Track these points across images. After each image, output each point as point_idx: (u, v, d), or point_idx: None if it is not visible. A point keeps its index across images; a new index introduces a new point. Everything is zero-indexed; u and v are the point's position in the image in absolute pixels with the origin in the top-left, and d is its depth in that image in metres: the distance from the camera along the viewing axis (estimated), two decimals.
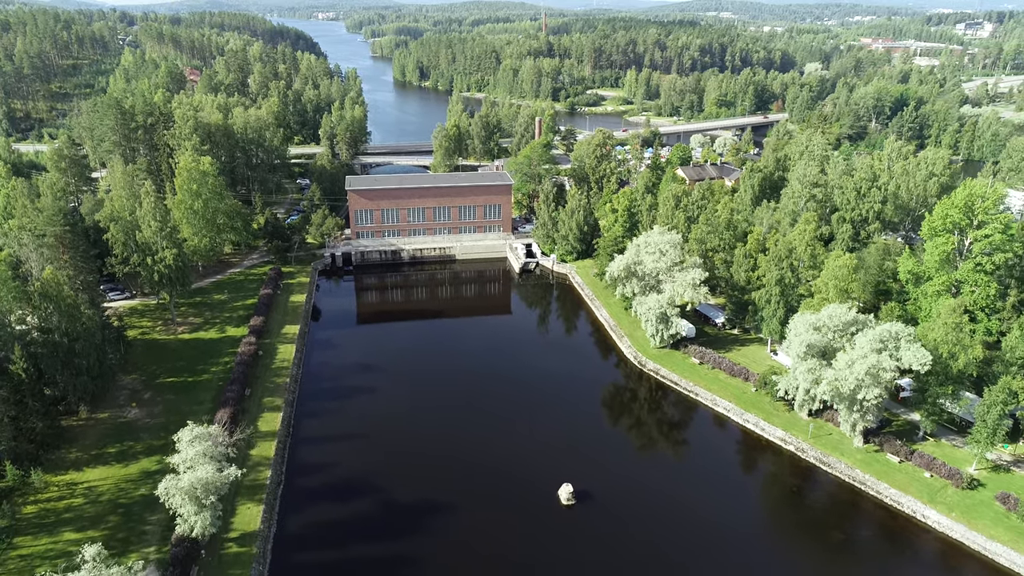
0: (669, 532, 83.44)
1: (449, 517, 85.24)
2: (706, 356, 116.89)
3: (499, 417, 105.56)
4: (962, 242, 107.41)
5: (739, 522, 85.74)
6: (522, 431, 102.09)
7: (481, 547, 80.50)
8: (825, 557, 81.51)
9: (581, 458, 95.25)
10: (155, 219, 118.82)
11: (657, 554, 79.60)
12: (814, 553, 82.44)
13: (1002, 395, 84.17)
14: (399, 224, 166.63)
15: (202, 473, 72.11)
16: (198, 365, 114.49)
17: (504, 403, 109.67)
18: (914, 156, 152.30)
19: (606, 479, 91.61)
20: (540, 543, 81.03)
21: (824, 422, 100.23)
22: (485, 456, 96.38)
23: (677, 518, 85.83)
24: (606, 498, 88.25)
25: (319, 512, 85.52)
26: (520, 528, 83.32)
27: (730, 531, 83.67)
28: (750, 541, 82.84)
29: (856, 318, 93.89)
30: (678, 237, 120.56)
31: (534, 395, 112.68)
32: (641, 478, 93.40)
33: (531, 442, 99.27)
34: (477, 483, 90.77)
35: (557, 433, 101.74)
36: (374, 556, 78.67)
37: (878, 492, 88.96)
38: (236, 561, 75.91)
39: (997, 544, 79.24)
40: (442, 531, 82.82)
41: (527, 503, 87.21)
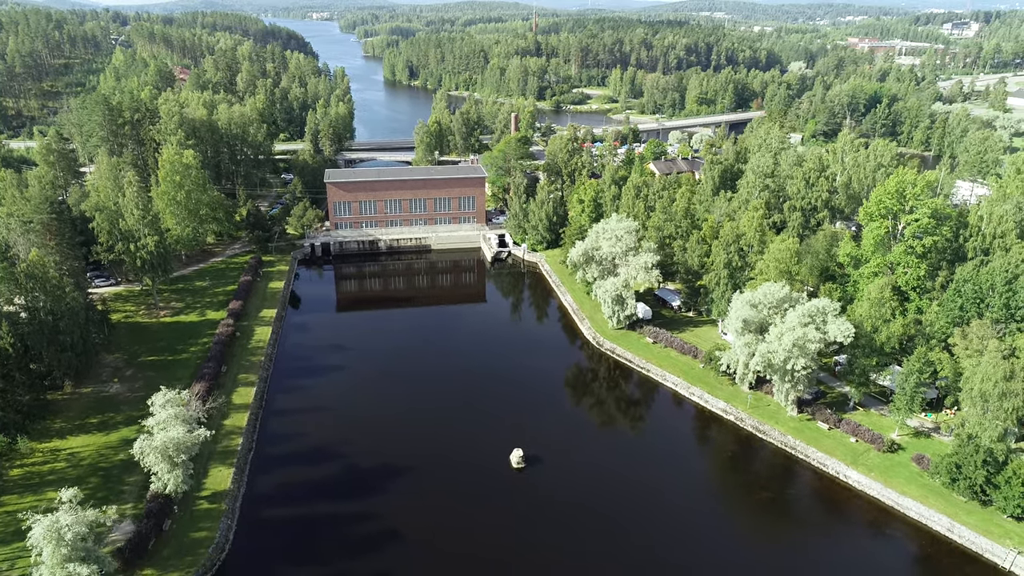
0: (612, 494, 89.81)
1: (407, 479, 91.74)
2: (660, 336, 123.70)
3: (462, 392, 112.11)
4: (896, 226, 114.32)
5: (678, 485, 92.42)
6: (482, 405, 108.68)
7: (434, 504, 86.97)
8: (754, 514, 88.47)
9: (534, 428, 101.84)
10: (137, 208, 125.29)
11: (598, 514, 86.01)
12: (744, 511, 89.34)
13: (918, 364, 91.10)
14: (376, 215, 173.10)
15: (174, 433, 78.61)
16: (178, 345, 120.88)
17: (468, 380, 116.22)
18: (864, 148, 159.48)
19: (556, 446, 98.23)
20: (489, 502, 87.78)
21: (763, 394, 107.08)
22: (445, 426, 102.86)
23: (620, 481, 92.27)
24: (554, 463, 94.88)
25: (286, 474, 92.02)
26: (471, 488, 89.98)
27: (669, 493, 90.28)
28: (686, 501, 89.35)
29: (789, 295, 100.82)
30: (634, 224, 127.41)
31: (497, 373, 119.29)
32: (589, 446, 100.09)
33: (489, 414, 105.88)
34: (435, 449, 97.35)
35: (514, 406, 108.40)
36: (336, 512, 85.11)
37: (807, 456, 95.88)
38: (206, 516, 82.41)
39: (908, 499, 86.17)
40: (399, 491, 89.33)
41: (480, 467, 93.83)
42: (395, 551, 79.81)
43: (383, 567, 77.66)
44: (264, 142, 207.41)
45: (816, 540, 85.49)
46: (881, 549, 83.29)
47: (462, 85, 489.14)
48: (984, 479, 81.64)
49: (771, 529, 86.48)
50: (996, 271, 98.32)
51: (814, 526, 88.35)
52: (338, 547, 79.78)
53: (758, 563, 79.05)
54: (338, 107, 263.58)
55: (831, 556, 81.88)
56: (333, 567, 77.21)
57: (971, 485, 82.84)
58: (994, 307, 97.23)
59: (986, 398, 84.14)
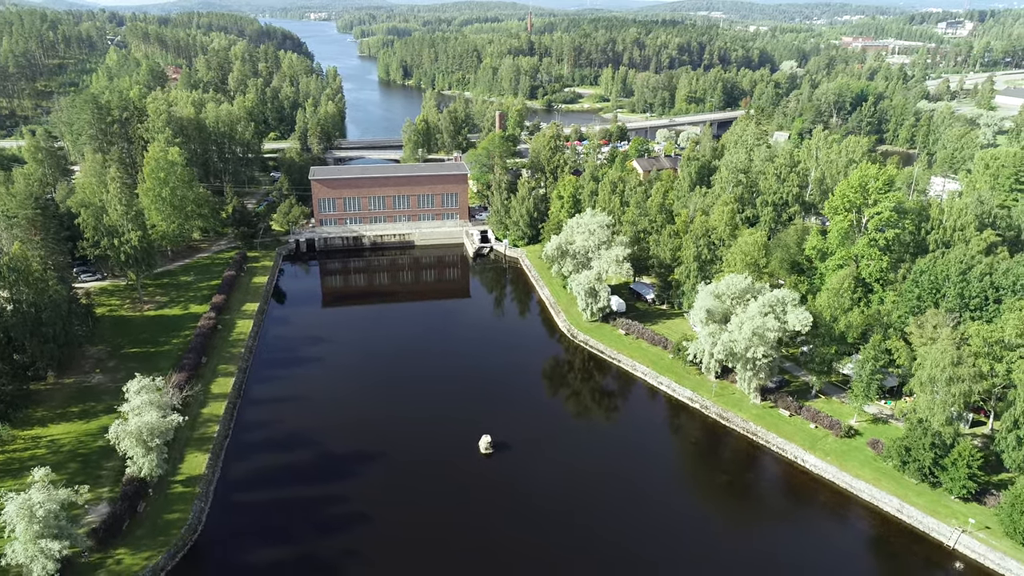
0: (576, 479, 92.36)
1: (378, 464, 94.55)
2: (632, 328, 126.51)
3: (436, 383, 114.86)
4: (860, 220, 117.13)
5: (642, 470, 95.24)
6: (455, 395, 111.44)
7: (403, 487, 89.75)
8: (715, 498, 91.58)
9: (504, 416, 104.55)
10: (121, 203, 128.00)
11: (562, 497, 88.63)
12: (706, 495, 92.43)
13: (873, 352, 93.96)
14: (360, 212, 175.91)
15: (147, 418, 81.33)
16: (160, 338, 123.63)
17: (444, 372, 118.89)
18: (837, 145, 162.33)
19: (524, 434, 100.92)
20: (458, 485, 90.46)
21: (729, 383, 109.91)
22: (418, 415, 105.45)
23: (584, 467, 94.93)
24: (521, 449, 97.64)
25: (261, 460, 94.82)
26: (440, 472, 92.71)
27: (632, 477, 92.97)
28: (650, 486, 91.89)
29: (751, 286, 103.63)
30: (607, 218, 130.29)
31: (473, 365, 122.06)
32: (557, 433, 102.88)
33: (461, 404, 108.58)
34: (407, 437, 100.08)
35: (486, 396, 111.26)
36: (307, 495, 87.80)
37: (767, 442, 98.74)
38: (180, 499, 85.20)
39: (861, 482, 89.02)
40: (370, 475, 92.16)
41: (450, 452, 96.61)
42: (363, 532, 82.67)
43: (351, 547, 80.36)
44: (252, 140, 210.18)
45: (773, 522, 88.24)
46: (835, 530, 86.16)
47: (455, 84, 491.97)
48: (932, 461, 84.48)
49: (730, 512, 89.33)
50: (951, 262, 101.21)
51: (772, 509, 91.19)
52: (308, 528, 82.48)
53: (718, 545, 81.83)
54: (327, 106, 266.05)
55: (787, 537, 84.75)
56: (303, 547, 79.89)
57: (920, 468, 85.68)
58: (949, 297, 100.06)
59: (935, 383, 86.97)
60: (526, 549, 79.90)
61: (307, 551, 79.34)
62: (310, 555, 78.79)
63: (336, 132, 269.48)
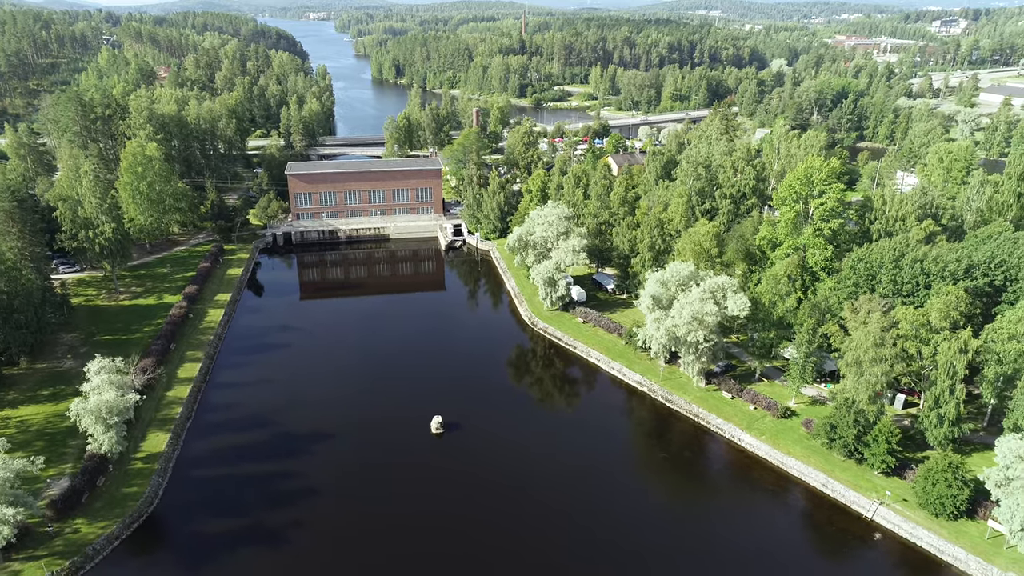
0: (525, 457, 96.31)
1: (332, 443, 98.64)
2: (589, 316, 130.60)
3: (398, 370, 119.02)
4: (806, 210, 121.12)
5: (586, 449, 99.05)
6: (414, 381, 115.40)
7: (354, 463, 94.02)
8: (655, 475, 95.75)
9: (458, 399, 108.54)
10: (95, 196, 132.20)
11: (511, 473, 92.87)
12: (647, 472, 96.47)
13: (807, 336, 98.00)
14: (336, 206, 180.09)
15: (106, 396, 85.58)
16: (133, 326, 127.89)
17: (407, 359, 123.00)
18: (797, 139, 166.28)
19: (477, 415, 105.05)
20: (406, 463, 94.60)
21: (676, 368, 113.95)
22: (375, 398, 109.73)
23: (531, 445, 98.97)
24: (473, 430, 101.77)
25: (220, 439, 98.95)
26: (391, 451, 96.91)
27: (581, 455, 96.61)
28: (595, 463, 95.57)
29: (694, 273, 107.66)
30: (567, 210, 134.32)
31: (435, 353, 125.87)
32: (509, 414, 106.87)
33: (418, 389, 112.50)
34: (364, 417, 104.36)
35: (444, 381, 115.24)
36: (263, 471, 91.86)
37: (708, 422, 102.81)
38: (139, 474, 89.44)
39: (792, 459, 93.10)
40: (324, 453, 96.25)
41: (402, 431, 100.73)
42: (312, 504, 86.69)
43: (299, 518, 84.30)
44: (234, 137, 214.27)
45: (708, 497, 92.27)
46: (765, 504, 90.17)
47: (446, 83, 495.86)
48: (855, 438, 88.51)
49: (670, 487, 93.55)
50: (885, 250, 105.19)
51: (708, 484, 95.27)
52: (261, 502, 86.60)
53: (657, 518, 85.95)
54: (312, 103, 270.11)
55: (721, 511, 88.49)
56: (253, 518, 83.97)
57: (845, 444, 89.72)
58: (883, 283, 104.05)
59: (861, 365, 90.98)
60: (469, 525, 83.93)
61: (257, 522, 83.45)
62: (259, 525, 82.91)
63: (321, 129, 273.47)
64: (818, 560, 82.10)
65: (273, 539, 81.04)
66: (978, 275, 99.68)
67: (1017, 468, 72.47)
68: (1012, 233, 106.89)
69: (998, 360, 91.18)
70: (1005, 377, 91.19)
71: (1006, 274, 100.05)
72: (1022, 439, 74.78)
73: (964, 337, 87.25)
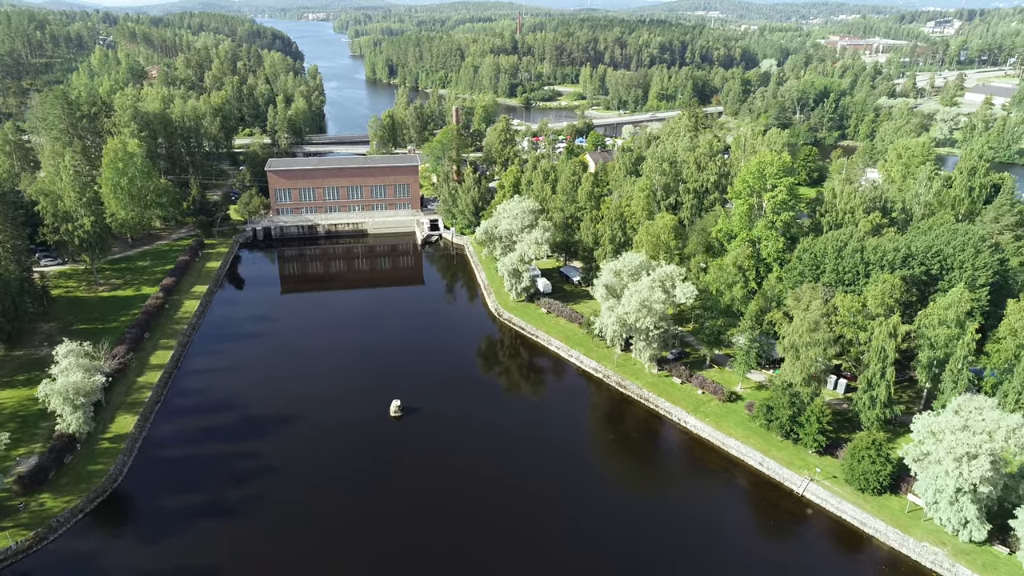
0: (476, 439, 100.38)
1: (295, 425, 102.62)
2: (553, 307, 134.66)
3: (364, 358, 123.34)
4: (760, 203, 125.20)
5: (544, 430, 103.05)
6: (379, 368, 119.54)
7: (315, 444, 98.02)
8: (605, 455, 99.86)
9: (421, 386, 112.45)
10: (74, 190, 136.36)
11: (466, 453, 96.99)
12: (597, 450, 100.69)
13: (750, 323, 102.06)
14: (315, 202, 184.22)
15: (73, 378, 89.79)
16: (110, 316, 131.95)
17: (374, 349, 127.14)
18: (762, 136, 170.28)
19: (436, 400, 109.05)
20: (364, 443, 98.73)
21: (631, 355, 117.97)
22: (341, 384, 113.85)
23: (487, 429, 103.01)
24: (430, 413, 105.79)
25: (187, 422, 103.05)
26: (350, 432, 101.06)
27: (535, 437, 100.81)
28: (549, 443, 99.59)
29: (645, 263, 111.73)
30: (532, 203, 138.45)
31: (400, 341, 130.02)
32: (467, 399, 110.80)
33: (382, 375, 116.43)
34: (327, 402, 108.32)
35: (408, 368, 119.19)
36: (225, 452, 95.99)
37: (657, 406, 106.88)
38: (106, 453, 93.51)
39: (732, 440, 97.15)
40: (286, 435, 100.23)
41: (362, 415, 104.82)
42: (270, 481, 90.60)
43: (258, 494, 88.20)
44: (218, 135, 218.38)
45: (653, 476, 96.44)
46: (705, 482, 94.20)
47: (438, 83, 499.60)
48: (789, 419, 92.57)
49: (618, 468, 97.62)
50: (829, 241, 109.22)
51: (654, 465, 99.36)
52: (221, 479, 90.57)
53: (606, 494, 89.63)
54: (299, 102, 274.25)
55: (665, 489, 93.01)
56: (213, 494, 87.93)
57: (781, 425, 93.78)
58: (827, 272, 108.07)
59: (796, 348, 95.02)
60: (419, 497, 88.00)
61: (216, 498, 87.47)
62: (219, 501, 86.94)
63: (308, 128, 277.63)
64: (752, 533, 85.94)
65: (231, 514, 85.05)
66: (915, 264, 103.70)
67: (929, 443, 76.46)
68: (952, 225, 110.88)
69: (930, 345, 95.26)
70: (937, 361, 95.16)
71: (942, 263, 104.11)
72: (935, 415, 78.74)
73: (893, 322, 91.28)
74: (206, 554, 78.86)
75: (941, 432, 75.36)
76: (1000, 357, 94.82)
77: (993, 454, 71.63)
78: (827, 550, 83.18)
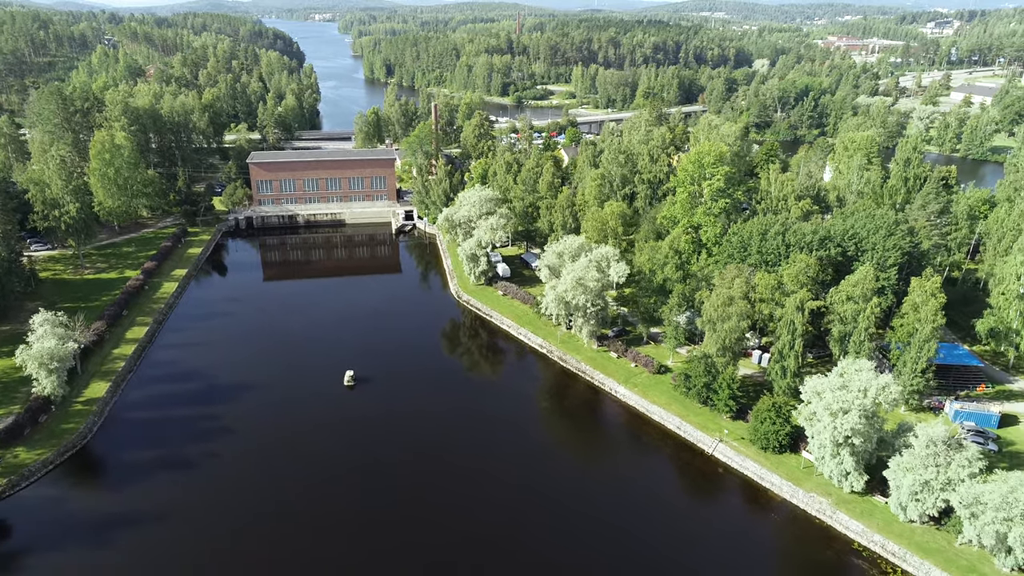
0: (427, 404, 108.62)
1: (255, 393, 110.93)
2: (508, 290, 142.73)
3: (327, 335, 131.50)
4: (699, 191, 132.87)
5: (487, 399, 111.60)
6: (339, 345, 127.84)
7: (271, 409, 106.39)
8: (542, 422, 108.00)
9: (374, 359, 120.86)
10: (60, 178, 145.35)
11: (404, 418, 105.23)
12: (534, 416, 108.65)
13: (676, 300, 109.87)
14: (296, 193, 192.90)
15: (48, 344, 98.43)
16: (92, 296, 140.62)
17: (340, 327, 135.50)
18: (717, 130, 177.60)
19: (387, 372, 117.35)
20: (317, 408, 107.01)
21: (575, 333, 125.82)
22: (302, 359, 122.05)
23: (433, 399, 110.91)
24: (380, 382, 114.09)
25: (155, 389, 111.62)
26: (306, 399, 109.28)
27: (478, 405, 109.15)
28: (490, 409, 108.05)
29: (584, 244, 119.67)
30: (491, 192, 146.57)
31: (365, 321, 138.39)
32: (417, 373, 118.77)
33: (342, 351, 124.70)
34: (287, 373, 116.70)
35: (367, 345, 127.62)
36: (188, 415, 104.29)
37: (592, 378, 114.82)
38: (78, 414, 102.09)
39: (656, 407, 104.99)
40: (246, 401, 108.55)
41: (318, 384, 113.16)
42: (227, 440, 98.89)
43: (215, 451, 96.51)
44: (207, 130, 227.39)
45: (584, 439, 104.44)
46: (629, 443, 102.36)
47: (433, 82, 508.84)
48: (704, 386, 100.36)
49: (554, 430, 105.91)
50: (754, 225, 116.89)
51: (586, 429, 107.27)
52: (183, 438, 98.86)
53: (539, 454, 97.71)
54: (289, 100, 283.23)
55: (594, 450, 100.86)
56: (173, 451, 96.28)
57: (698, 392, 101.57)
58: (752, 254, 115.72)
59: (713, 322, 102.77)
60: (366, 459, 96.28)
61: (176, 453, 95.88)
62: (178, 455, 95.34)
63: (297, 124, 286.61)
64: (666, 489, 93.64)
65: (189, 467, 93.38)
66: (831, 246, 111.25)
67: (815, 404, 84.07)
68: (871, 210, 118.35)
69: (840, 319, 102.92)
70: (846, 335, 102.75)
71: (857, 245, 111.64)
72: (821, 377, 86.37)
73: (801, 296, 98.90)
74: (163, 502, 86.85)
75: (824, 392, 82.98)
76: (904, 331, 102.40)
77: (865, 409, 79.17)
78: (730, 503, 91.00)
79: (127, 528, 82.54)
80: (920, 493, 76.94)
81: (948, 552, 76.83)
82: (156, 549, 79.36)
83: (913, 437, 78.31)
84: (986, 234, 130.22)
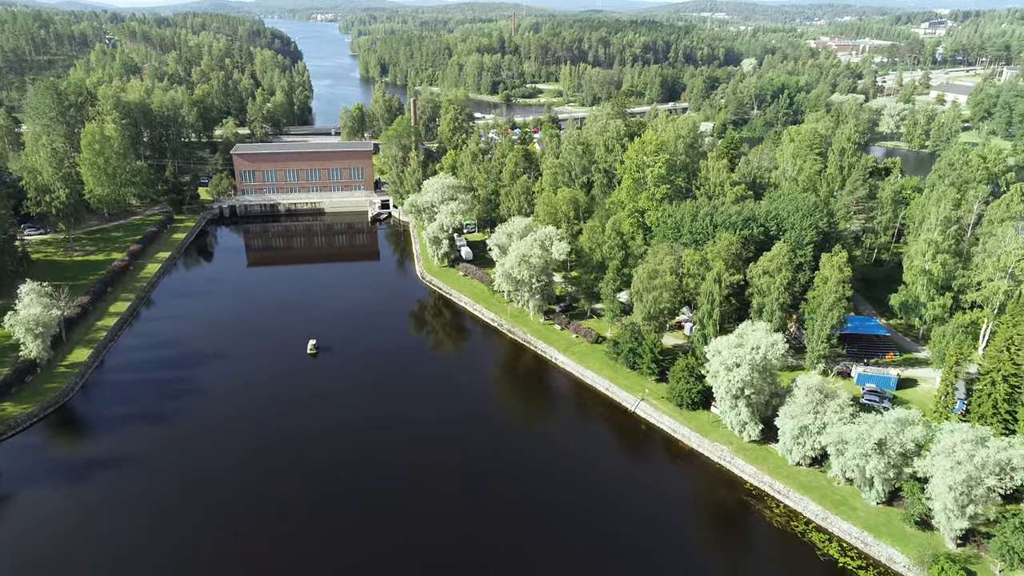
0: (385, 370, 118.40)
1: (226, 360, 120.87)
2: (469, 271, 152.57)
3: (296, 312, 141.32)
4: (643, 177, 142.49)
5: (438, 365, 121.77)
6: (305, 319, 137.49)
7: (239, 371, 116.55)
8: (490, 383, 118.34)
9: (338, 328, 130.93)
10: (50, 166, 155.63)
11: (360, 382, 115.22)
12: (482, 380, 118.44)
13: (612, 275, 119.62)
14: (277, 183, 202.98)
15: (33, 311, 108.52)
16: (80, 276, 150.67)
17: (310, 304, 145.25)
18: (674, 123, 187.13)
19: (347, 342, 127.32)
20: (280, 371, 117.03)
21: (524, 308, 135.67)
22: (272, 330, 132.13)
23: (389, 365, 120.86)
24: (339, 351, 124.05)
25: (133, 356, 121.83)
26: (272, 364, 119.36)
27: (429, 370, 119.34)
28: (441, 371, 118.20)
29: (531, 225, 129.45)
30: (453, 180, 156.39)
31: (334, 300, 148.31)
32: (376, 343, 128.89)
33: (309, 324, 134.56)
34: (256, 342, 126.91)
35: (332, 319, 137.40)
36: (162, 378, 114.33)
37: (536, 347, 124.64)
38: (61, 376, 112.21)
39: (590, 371, 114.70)
40: (216, 365, 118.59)
41: (284, 353, 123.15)
42: (196, 398, 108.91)
43: (185, 408, 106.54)
44: (196, 124, 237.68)
45: (525, 400, 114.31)
46: (565, 404, 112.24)
47: (425, 80, 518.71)
48: (629, 351, 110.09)
49: (498, 392, 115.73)
50: (686, 208, 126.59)
51: (526, 392, 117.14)
52: (154, 397, 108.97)
53: (484, 412, 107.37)
54: (278, 96, 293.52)
55: (534, 410, 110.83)
56: (145, 407, 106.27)
57: (625, 357, 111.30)
58: (683, 234, 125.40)
59: (640, 293, 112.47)
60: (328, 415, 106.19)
61: (148, 409, 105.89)
62: (150, 411, 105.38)
63: (286, 120, 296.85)
64: (593, 443, 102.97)
65: (161, 421, 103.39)
66: (754, 226, 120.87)
67: (715, 361, 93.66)
68: (797, 195, 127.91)
69: (759, 291, 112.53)
70: (763, 306, 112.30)
71: (779, 225, 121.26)
72: (723, 338, 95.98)
73: (718, 269, 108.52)
74: (137, 451, 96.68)
75: (723, 349, 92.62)
76: (816, 303, 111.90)
77: (755, 363, 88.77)
78: (647, 454, 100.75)
79: (103, 470, 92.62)
80: (800, 437, 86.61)
81: (825, 489, 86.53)
82: (129, 489, 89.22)
83: (795, 387, 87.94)
84: (909, 218, 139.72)
